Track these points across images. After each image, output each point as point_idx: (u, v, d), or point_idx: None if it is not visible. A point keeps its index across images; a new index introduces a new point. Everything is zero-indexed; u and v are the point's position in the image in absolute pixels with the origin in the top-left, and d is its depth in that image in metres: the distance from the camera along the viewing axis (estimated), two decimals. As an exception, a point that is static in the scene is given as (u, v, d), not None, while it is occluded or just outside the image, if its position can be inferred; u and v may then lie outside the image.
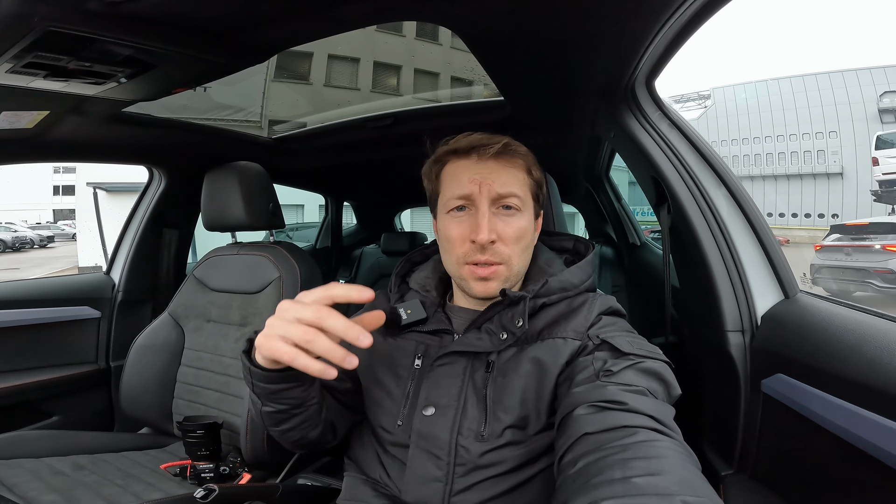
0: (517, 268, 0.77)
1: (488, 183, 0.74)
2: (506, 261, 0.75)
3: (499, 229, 0.74)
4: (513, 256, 0.75)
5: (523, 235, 0.76)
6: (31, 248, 20.29)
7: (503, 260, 0.75)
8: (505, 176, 0.75)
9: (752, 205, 0.94)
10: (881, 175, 12.99)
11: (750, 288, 0.89)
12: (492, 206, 0.75)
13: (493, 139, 0.76)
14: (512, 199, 0.75)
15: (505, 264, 0.75)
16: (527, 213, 0.77)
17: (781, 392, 0.74)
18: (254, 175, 1.39)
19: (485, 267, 0.75)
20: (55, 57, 0.80)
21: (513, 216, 0.75)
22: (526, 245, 0.77)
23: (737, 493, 0.81)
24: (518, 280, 0.79)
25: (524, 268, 0.79)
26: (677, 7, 0.72)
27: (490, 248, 0.74)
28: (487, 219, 0.73)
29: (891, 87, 21.37)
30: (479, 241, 0.73)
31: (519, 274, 0.78)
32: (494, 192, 0.74)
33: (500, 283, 0.75)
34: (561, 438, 0.58)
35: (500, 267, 0.75)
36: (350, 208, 2.97)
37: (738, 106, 25.59)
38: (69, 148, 1.35)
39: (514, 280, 0.78)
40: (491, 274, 0.75)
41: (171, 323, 1.44)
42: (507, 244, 0.75)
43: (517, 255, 0.76)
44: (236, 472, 1.12)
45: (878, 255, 6.54)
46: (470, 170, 0.76)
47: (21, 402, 1.42)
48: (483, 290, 0.76)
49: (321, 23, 0.86)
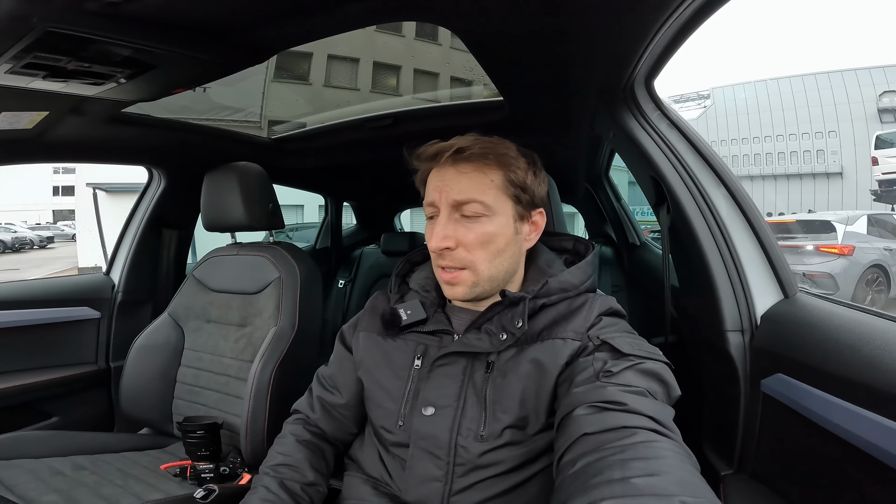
0: (487, 273, 0.75)
1: (446, 190, 0.74)
2: (469, 266, 0.74)
3: (459, 235, 0.73)
4: (477, 262, 0.74)
5: (489, 240, 0.74)
6: (31, 248, 20.26)
7: (465, 265, 0.74)
8: (464, 182, 0.73)
9: (751, 205, 0.94)
10: (881, 175, 12.97)
11: (749, 288, 0.88)
12: (454, 213, 0.74)
13: (454, 143, 0.74)
14: (471, 205, 0.73)
15: (469, 269, 0.74)
16: (497, 217, 0.74)
17: (781, 392, 0.74)
18: (253, 175, 1.39)
19: (448, 272, 0.75)
20: (54, 57, 0.80)
21: (475, 222, 0.74)
22: (498, 249, 0.75)
23: (737, 492, 0.81)
24: (493, 285, 0.77)
25: (501, 272, 0.77)
26: (676, 6, 0.71)
27: (448, 254, 0.74)
28: (442, 226, 0.74)
29: (890, 87, 21.36)
30: (431, 248, 0.75)
31: (493, 279, 0.76)
32: (451, 198, 0.74)
33: (468, 287, 0.75)
34: (560, 438, 0.58)
35: (462, 272, 0.75)
36: (350, 209, 2.97)
37: (738, 106, 25.57)
38: (69, 148, 1.35)
39: (486, 285, 0.76)
40: (453, 279, 0.75)
41: (170, 323, 1.44)
42: (468, 250, 0.74)
43: (484, 260, 0.74)
44: (236, 472, 1.12)
45: (812, 256, 5.96)
46: (436, 177, 0.76)
47: (21, 403, 1.42)
48: (451, 294, 0.77)
49: (321, 23, 0.86)
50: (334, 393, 0.87)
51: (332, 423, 0.88)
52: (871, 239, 6.32)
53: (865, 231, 6.40)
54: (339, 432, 0.88)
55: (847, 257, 5.90)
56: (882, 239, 6.47)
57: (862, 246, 6.06)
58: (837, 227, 6.22)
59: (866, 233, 6.39)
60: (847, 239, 6.06)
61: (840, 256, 5.91)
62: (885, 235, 6.61)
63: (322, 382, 0.90)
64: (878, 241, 6.38)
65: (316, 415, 0.88)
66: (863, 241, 6.16)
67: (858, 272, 5.90)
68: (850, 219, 6.53)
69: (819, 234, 6.26)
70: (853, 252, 5.93)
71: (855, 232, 6.27)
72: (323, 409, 0.88)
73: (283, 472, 0.80)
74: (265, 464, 0.84)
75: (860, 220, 6.56)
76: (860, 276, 5.91)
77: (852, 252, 5.92)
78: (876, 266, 6.08)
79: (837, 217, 6.64)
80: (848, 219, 6.52)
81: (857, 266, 5.92)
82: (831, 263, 5.89)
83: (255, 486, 0.79)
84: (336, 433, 0.88)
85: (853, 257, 5.92)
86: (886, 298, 6.04)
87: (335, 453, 0.90)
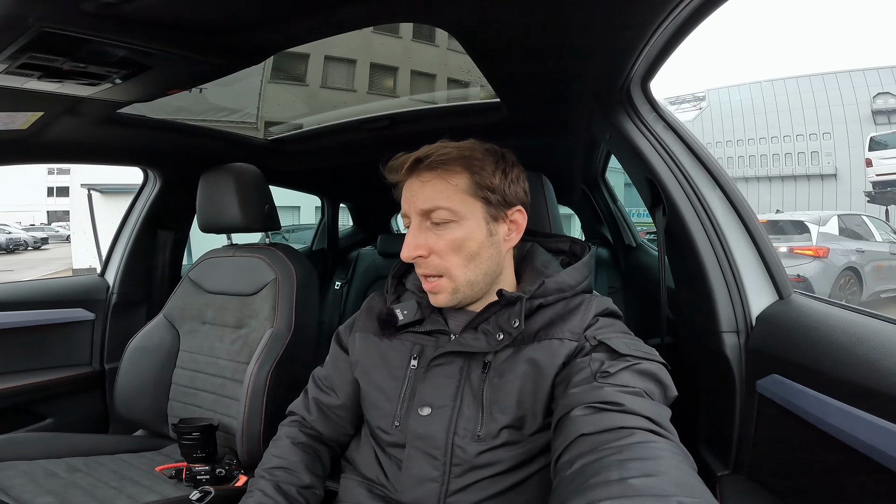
0: (464, 277, 0.75)
1: (412, 200, 0.75)
2: (445, 272, 0.75)
3: (430, 243, 0.74)
4: (452, 268, 0.74)
5: (461, 245, 0.74)
6: (25, 249, 20.15)
7: (441, 272, 0.75)
8: (427, 190, 0.74)
9: (746, 206, 0.95)
10: (875, 176, 13.04)
11: (744, 289, 0.89)
12: (424, 221, 0.75)
13: (409, 156, 0.75)
14: (438, 212, 0.73)
15: (445, 276, 0.75)
16: (466, 222, 0.74)
17: (776, 392, 0.75)
18: (249, 177, 1.39)
19: (428, 280, 0.76)
20: (50, 58, 0.80)
21: (445, 229, 0.74)
22: (471, 253, 0.74)
23: (733, 493, 0.81)
24: (474, 289, 0.77)
25: (479, 276, 0.76)
26: (672, 8, 0.72)
27: (423, 262, 0.75)
28: (413, 235, 0.75)
29: (884, 89, 21.52)
30: (402, 257, 0.75)
31: (472, 283, 0.76)
32: (418, 207, 0.75)
33: (448, 294, 0.76)
34: (558, 439, 0.58)
35: (440, 280, 0.75)
36: (346, 210, 2.96)
37: (733, 107, 25.68)
38: (64, 149, 1.34)
39: (466, 290, 0.76)
40: (434, 287, 0.76)
41: (166, 325, 1.43)
42: (441, 256, 0.74)
43: (459, 266, 0.74)
44: (232, 474, 1.12)
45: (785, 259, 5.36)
46: (406, 188, 0.78)
47: (15, 405, 1.41)
48: (435, 302, 0.78)
49: (318, 24, 0.86)
50: (330, 394, 0.87)
51: (328, 425, 0.87)
52: (842, 240, 6.06)
53: (837, 232, 6.15)
54: (335, 433, 0.88)
55: (822, 259, 5.66)
56: (853, 240, 6.22)
57: (836, 248, 5.81)
58: (811, 228, 5.98)
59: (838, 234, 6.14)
60: (821, 240, 5.83)
61: (815, 259, 5.65)
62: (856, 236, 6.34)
63: (318, 384, 0.90)
64: (851, 242, 6.14)
65: (312, 416, 0.88)
66: (836, 243, 5.90)
67: (833, 275, 5.65)
68: (822, 219, 6.26)
69: (791, 236, 6.01)
70: (828, 254, 5.68)
71: (828, 233, 6.02)
72: (319, 410, 0.87)
73: (278, 476, 0.80)
74: (261, 466, 0.83)
75: (831, 220, 6.30)
76: (835, 279, 5.65)
77: (827, 254, 5.68)
78: (849, 269, 5.83)
79: (810, 217, 6.35)
80: (820, 219, 6.25)
81: (832, 269, 5.67)
82: (805, 266, 5.60)
83: (250, 490, 0.79)
84: (332, 434, 0.88)
85: (828, 259, 5.67)
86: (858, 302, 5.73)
87: (331, 455, 0.89)
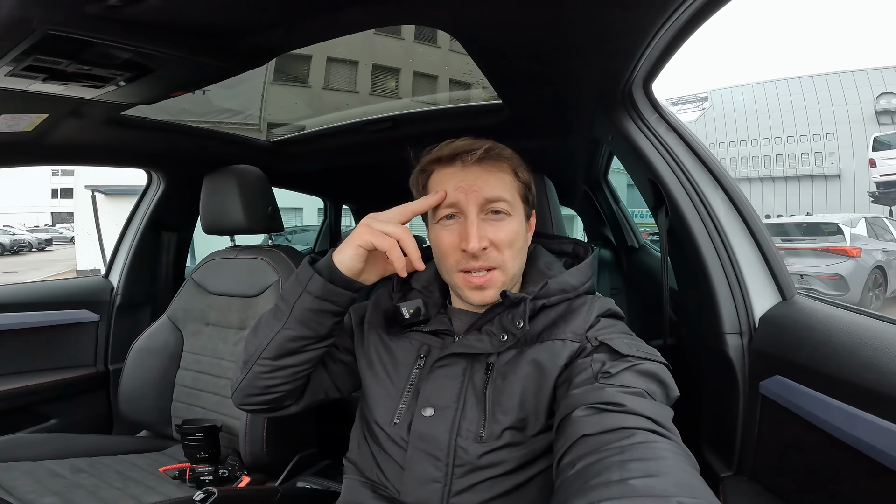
0: (512, 272, 0.76)
1: (475, 189, 0.73)
2: (500, 266, 0.74)
3: (490, 235, 0.73)
4: (507, 261, 0.75)
5: (515, 239, 0.75)
6: (30, 251, 20.23)
7: (498, 265, 0.74)
8: (491, 180, 0.74)
9: (749, 207, 0.94)
10: (878, 177, 13.00)
11: (747, 290, 0.89)
12: (480, 213, 0.74)
13: (475, 144, 0.75)
14: (500, 203, 0.74)
15: (500, 269, 0.74)
16: (517, 217, 0.76)
17: (780, 394, 0.74)
18: (252, 178, 1.40)
19: (479, 275, 0.74)
20: (54, 60, 0.80)
21: (502, 221, 0.74)
22: (519, 248, 0.76)
23: (736, 494, 0.81)
24: (515, 284, 0.78)
25: (520, 271, 0.79)
26: (675, 9, 0.72)
27: (482, 254, 0.73)
28: (476, 226, 0.72)
29: (887, 89, 21.44)
30: (469, 250, 0.72)
31: (515, 277, 0.78)
32: (482, 197, 0.73)
33: (497, 289, 0.74)
34: (560, 440, 0.58)
35: (495, 272, 0.74)
36: (349, 211, 2.97)
37: (736, 108, 25.65)
38: (68, 151, 1.35)
39: (510, 284, 0.77)
40: (486, 282, 0.74)
41: (169, 326, 1.44)
42: (499, 249, 0.74)
43: (511, 259, 0.75)
44: (235, 475, 1.12)
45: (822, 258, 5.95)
46: (455, 177, 0.75)
47: (20, 405, 1.41)
48: (480, 299, 0.75)
49: (320, 26, 0.86)
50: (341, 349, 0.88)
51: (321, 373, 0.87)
52: (870, 241, 6.44)
53: (866, 233, 6.54)
54: (313, 383, 0.86)
55: (855, 259, 6.00)
56: (880, 241, 6.61)
57: (867, 248, 6.19)
58: (844, 230, 6.33)
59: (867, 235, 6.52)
60: (854, 241, 6.18)
61: (849, 258, 6.00)
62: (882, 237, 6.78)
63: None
64: (878, 242, 6.53)
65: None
66: (866, 243, 6.28)
67: (865, 274, 6.01)
68: (852, 221, 6.67)
69: (827, 237, 6.36)
70: (861, 254, 6.03)
71: (859, 234, 6.39)
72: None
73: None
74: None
75: (860, 222, 6.71)
76: (867, 277, 6.02)
77: (860, 254, 6.02)
78: (878, 267, 6.21)
79: (842, 219, 6.77)
80: (851, 221, 6.66)
81: (863, 268, 6.03)
82: (841, 265, 5.94)
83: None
84: (311, 384, 0.86)
85: (860, 259, 6.02)
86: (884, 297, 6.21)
87: (300, 392, 0.87)
